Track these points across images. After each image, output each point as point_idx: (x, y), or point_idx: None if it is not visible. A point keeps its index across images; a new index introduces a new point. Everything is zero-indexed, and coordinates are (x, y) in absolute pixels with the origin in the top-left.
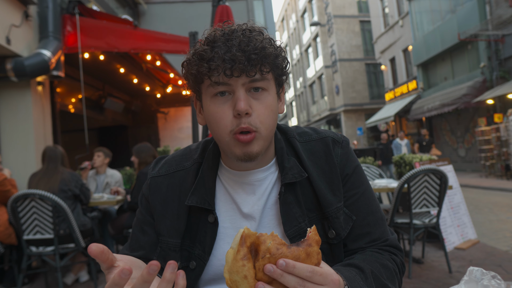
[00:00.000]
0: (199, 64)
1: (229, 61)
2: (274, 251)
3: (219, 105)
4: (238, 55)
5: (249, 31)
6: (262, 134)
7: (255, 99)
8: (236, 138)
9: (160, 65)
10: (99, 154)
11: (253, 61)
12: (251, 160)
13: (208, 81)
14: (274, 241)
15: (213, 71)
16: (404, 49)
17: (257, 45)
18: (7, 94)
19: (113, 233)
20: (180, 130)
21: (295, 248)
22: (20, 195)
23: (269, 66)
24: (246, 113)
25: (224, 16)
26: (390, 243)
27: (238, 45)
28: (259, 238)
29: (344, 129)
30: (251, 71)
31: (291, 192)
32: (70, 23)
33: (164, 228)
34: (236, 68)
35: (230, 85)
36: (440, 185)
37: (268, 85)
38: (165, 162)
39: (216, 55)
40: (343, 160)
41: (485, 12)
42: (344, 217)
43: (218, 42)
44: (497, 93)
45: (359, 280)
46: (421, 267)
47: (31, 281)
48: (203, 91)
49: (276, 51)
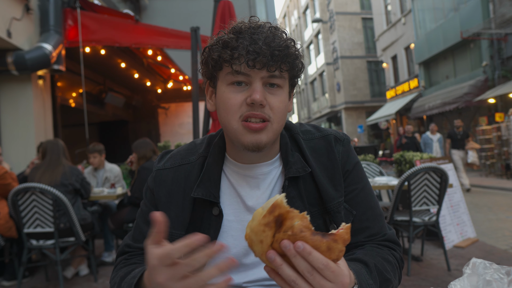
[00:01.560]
0: (222, 50)
1: (253, 52)
2: (297, 231)
3: (234, 92)
4: (264, 48)
5: (274, 28)
6: (274, 125)
7: (270, 93)
8: (247, 125)
9: (161, 60)
10: (95, 155)
11: (276, 57)
12: (258, 151)
13: (228, 68)
14: (301, 222)
15: (235, 60)
16: (406, 47)
17: (282, 43)
18: (7, 88)
19: (113, 228)
20: (180, 126)
21: (319, 237)
22: (21, 189)
23: (288, 65)
24: (261, 104)
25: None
26: (389, 237)
27: (264, 40)
28: (289, 213)
29: (345, 127)
30: (272, 67)
31: (294, 186)
32: (71, 17)
33: (169, 220)
34: (259, 61)
35: (249, 76)
36: (441, 183)
37: (284, 83)
38: (170, 156)
39: (241, 45)
40: (344, 157)
41: (488, 11)
42: (344, 212)
43: (244, 34)
44: (498, 92)
45: (365, 274)
46: (420, 265)
47: (31, 274)
48: (219, 78)
49: (296, 53)
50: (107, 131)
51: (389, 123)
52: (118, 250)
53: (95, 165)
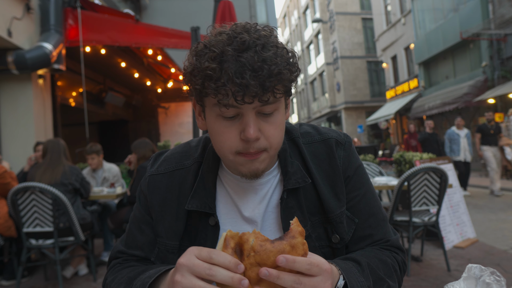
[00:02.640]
0: (204, 83)
1: (240, 86)
2: (258, 248)
3: (226, 126)
4: (252, 83)
5: (262, 46)
6: (270, 153)
7: (265, 121)
8: (243, 156)
9: (162, 60)
10: (93, 156)
11: (267, 88)
12: (256, 178)
13: (214, 99)
14: (257, 239)
15: (221, 92)
16: (406, 47)
17: (273, 70)
18: (8, 87)
19: (113, 227)
20: (180, 125)
21: (279, 242)
22: (20, 188)
23: (283, 88)
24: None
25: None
26: (392, 243)
27: (251, 69)
28: (242, 237)
29: (345, 127)
30: (263, 97)
31: (293, 196)
32: (71, 16)
33: (163, 229)
34: (248, 95)
35: (239, 109)
36: (440, 184)
37: (279, 105)
38: (164, 159)
39: (225, 76)
40: (346, 162)
41: (487, 11)
42: (346, 220)
43: (227, 56)
44: (498, 93)
45: (356, 272)
46: (420, 265)
47: (31, 273)
48: (206, 105)
49: (292, 76)
50: (107, 130)
51: (389, 123)
52: (110, 254)
53: (94, 166)
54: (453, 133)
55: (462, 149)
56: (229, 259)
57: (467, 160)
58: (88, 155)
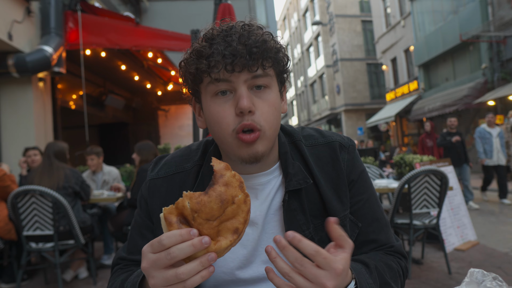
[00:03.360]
0: (197, 61)
1: (229, 56)
2: (197, 207)
3: (220, 104)
4: (239, 48)
5: (248, 26)
6: (266, 133)
7: (258, 97)
8: (240, 138)
9: (162, 63)
10: (92, 157)
11: (254, 54)
12: (257, 161)
13: (208, 78)
14: (191, 199)
15: (212, 68)
16: (406, 50)
17: (258, 39)
18: (8, 90)
19: (113, 230)
20: (180, 128)
21: (212, 189)
22: (21, 191)
23: (271, 60)
24: (249, 111)
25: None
26: (396, 249)
27: (238, 40)
28: (178, 207)
29: (345, 129)
30: (253, 66)
31: (296, 198)
32: (72, 19)
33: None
34: (237, 63)
35: (231, 82)
36: (441, 186)
37: (271, 82)
38: (164, 163)
39: (215, 51)
40: (350, 166)
41: (487, 13)
42: (350, 224)
43: (217, 39)
44: (498, 95)
45: (365, 273)
46: (421, 268)
47: (30, 277)
48: (202, 91)
49: (277, 46)
50: (107, 133)
51: (389, 125)
52: (112, 261)
53: (93, 167)
54: (484, 131)
55: (495, 150)
56: (178, 233)
57: (501, 163)
58: (88, 156)
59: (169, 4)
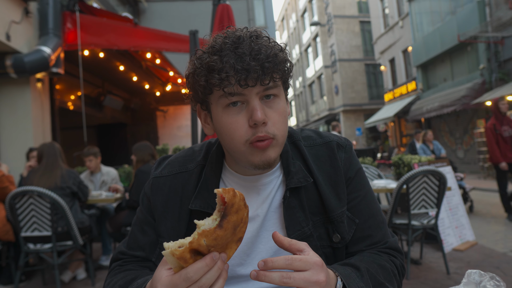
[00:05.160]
0: (208, 75)
1: (242, 71)
2: (214, 243)
3: (233, 115)
4: (253, 64)
5: (256, 37)
6: (279, 140)
7: (268, 107)
8: (254, 146)
9: (160, 63)
10: (90, 158)
11: (267, 69)
12: (269, 167)
13: (219, 92)
14: (206, 237)
15: (225, 82)
16: (404, 50)
17: (269, 53)
18: (6, 91)
19: (111, 231)
20: (179, 128)
21: (225, 221)
22: (19, 192)
23: (280, 72)
24: (263, 122)
25: (224, 15)
26: (390, 245)
27: (249, 54)
28: (193, 245)
29: (343, 129)
30: (265, 80)
31: (296, 196)
32: (70, 20)
33: (165, 230)
34: (250, 78)
35: (244, 95)
36: (439, 186)
37: (279, 91)
38: (168, 163)
39: (227, 65)
40: (347, 164)
41: (485, 14)
42: (347, 220)
43: (226, 51)
44: (496, 95)
45: (355, 277)
46: (419, 268)
47: (28, 278)
48: (212, 102)
49: (285, 56)
50: (106, 134)
51: (387, 125)
52: (112, 256)
53: (92, 168)
54: None
55: None
56: (204, 264)
57: None
58: (86, 157)
59: (167, 4)
